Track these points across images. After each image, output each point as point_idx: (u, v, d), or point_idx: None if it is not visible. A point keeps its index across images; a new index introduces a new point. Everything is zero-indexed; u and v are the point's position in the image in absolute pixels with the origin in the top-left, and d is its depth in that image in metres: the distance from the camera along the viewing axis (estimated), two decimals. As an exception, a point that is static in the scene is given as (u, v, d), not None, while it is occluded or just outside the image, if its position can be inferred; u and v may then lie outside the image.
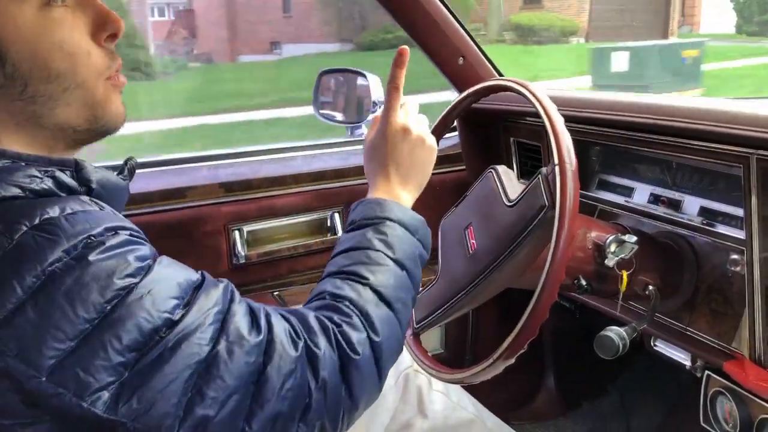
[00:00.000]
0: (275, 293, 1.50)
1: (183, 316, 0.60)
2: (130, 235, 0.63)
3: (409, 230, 0.85)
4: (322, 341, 0.69)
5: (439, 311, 1.05)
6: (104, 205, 0.66)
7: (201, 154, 1.50)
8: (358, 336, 0.72)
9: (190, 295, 0.63)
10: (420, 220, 0.88)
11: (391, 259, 0.81)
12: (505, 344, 0.84)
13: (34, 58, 0.65)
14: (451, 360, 1.73)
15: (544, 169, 0.93)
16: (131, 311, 0.58)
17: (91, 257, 0.58)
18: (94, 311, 0.56)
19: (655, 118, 1.12)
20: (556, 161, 0.86)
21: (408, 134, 0.92)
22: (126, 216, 0.69)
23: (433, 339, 1.72)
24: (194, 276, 0.66)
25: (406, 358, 1.19)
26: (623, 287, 1.04)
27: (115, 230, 0.61)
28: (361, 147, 1.65)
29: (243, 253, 1.45)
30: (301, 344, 0.67)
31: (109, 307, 0.57)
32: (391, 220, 0.85)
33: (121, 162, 0.80)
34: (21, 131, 0.67)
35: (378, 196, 0.90)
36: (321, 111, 1.72)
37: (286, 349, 0.66)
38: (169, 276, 0.63)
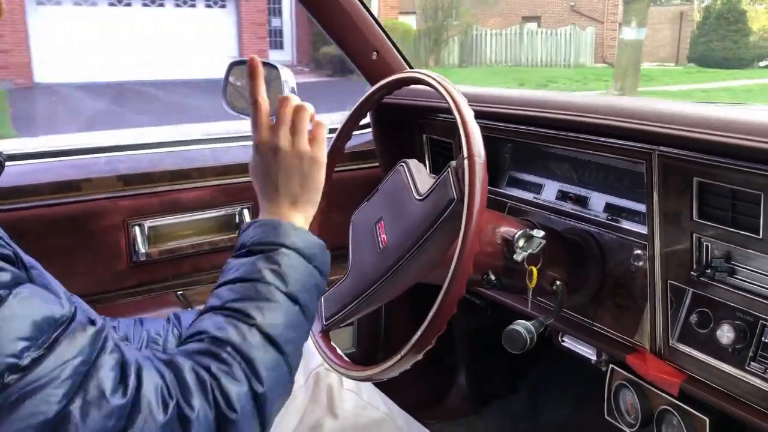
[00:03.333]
0: (179, 293, 1.43)
1: (35, 363, 0.52)
2: None
3: (306, 257, 0.78)
4: (197, 401, 0.62)
5: (348, 307, 1.02)
6: None
7: (98, 145, 1.41)
8: (237, 390, 0.66)
9: (47, 336, 0.54)
10: (318, 245, 0.81)
11: (284, 293, 0.74)
12: (414, 339, 0.82)
13: None
14: (362, 358, 1.70)
15: (453, 163, 0.92)
16: None
17: None
18: None
19: (561, 113, 1.13)
20: (465, 154, 0.85)
21: (279, 153, 0.84)
22: (11, 210, 0.62)
23: (344, 337, 1.69)
24: (59, 312, 0.57)
25: (316, 356, 1.15)
26: (533, 283, 1.04)
27: None
28: None
29: (144, 250, 1.37)
30: (171, 405, 0.60)
31: None
32: (285, 246, 0.77)
33: None
34: None
35: (271, 217, 0.82)
36: (229, 102, 1.66)
37: (153, 413, 0.58)
38: (25, 312, 0.54)
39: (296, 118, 0.86)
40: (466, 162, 0.85)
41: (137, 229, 1.37)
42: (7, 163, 0.73)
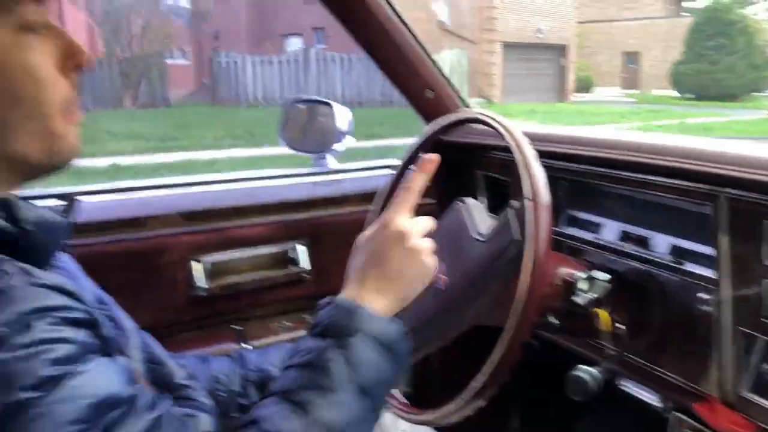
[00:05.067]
0: (237, 327, 1.45)
1: None
2: (52, 323, 0.53)
3: (383, 347, 0.72)
4: None
5: None
6: (30, 269, 0.57)
7: (162, 182, 1.45)
8: None
9: (104, 422, 0.53)
10: (396, 335, 0.74)
11: (352, 386, 0.69)
12: (477, 385, 0.81)
13: (2, 81, 0.61)
14: (417, 398, 1.68)
15: (515, 203, 0.91)
16: None
17: None
18: None
19: (622, 153, 1.12)
20: (530, 196, 0.85)
21: (404, 240, 0.79)
22: (79, 246, 0.64)
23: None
24: (123, 393, 0.56)
25: None
26: (604, 326, 1.01)
27: (28, 320, 0.51)
28: (326, 177, 1.64)
29: (203, 285, 1.39)
30: None
31: None
32: (362, 332, 0.71)
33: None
34: None
35: (350, 297, 0.76)
36: (286, 139, 1.70)
37: None
38: (84, 392, 0.52)
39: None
40: (529, 204, 0.84)
41: (198, 264, 1.39)
42: (80, 199, 0.76)
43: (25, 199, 0.68)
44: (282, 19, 23.69)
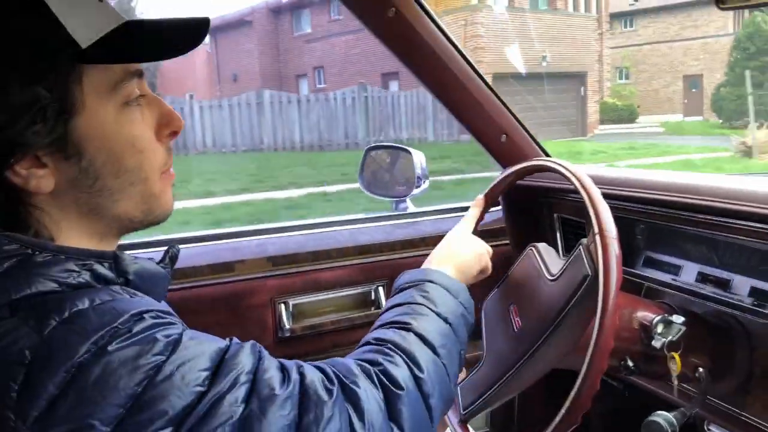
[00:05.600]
0: None
1: (212, 384, 0.61)
2: (157, 316, 0.64)
3: (451, 293, 0.90)
4: (362, 381, 0.71)
5: (485, 395, 1.03)
6: (135, 292, 0.67)
7: (248, 229, 1.54)
8: (401, 373, 0.74)
9: (218, 362, 0.64)
10: (462, 287, 0.93)
11: (434, 311, 0.85)
12: (551, 428, 0.82)
13: (109, 154, 0.68)
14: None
15: (585, 240, 0.93)
16: (162, 391, 0.59)
17: (117, 345, 0.59)
18: (125, 396, 0.57)
19: (693, 198, 1.12)
20: (596, 230, 0.86)
21: (461, 235, 1.07)
22: (176, 290, 0.72)
23: (479, 419, 1.68)
24: (222, 344, 0.66)
25: None
26: (678, 369, 1.01)
27: (141, 315, 0.62)
28: (404, 221, 1.69)
29: (288, 326, 1.46)
30: (335, 389, 0.68)
31: (139, 390, 0.58)
32: (432, 282, 0.90)
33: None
34: (82, 220, 0.70)
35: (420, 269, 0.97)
36: (367, 186, 1.77)
37: (321, 396, 0.66)
38: (198, 349, 0.63)
39: None
40: (597, 237, 0.86)
41: (282, 306, 1.46)
42: (178, 247, 0.83)
43: (131, 248, 0.76)
44: (293, 59, 24.05)
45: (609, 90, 24.49)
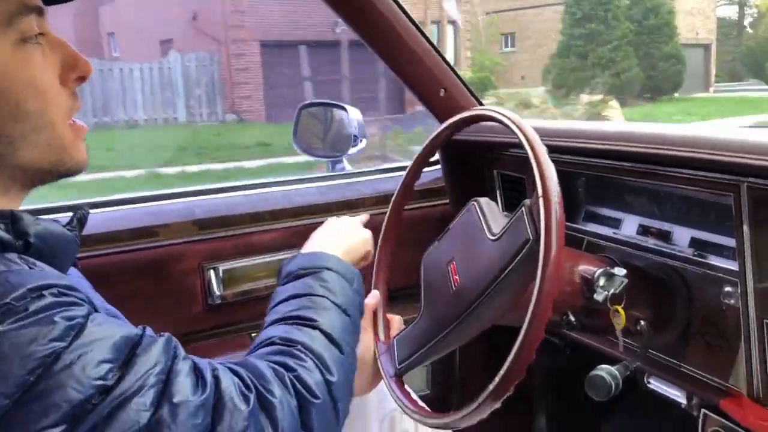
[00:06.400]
0: (252, 334, 1.44)
1: (119, 380, 0.55)
2: (59, 293, 0.57)
3: (346, 280, 0.88)
4: (277, 389, 0.66)
5: (422, 351, 1.00)
6: (35, 262, 0.60)
7: (173, 191, 1.45)
8: (314, 379, 0.71)
9: (126, 355, 0.58)
10: (356, 273, 0.92)
11: (335, 304, 0.83)
12: (491, 387, 0.79)
13: (7, 95, 0.62)
14: (437, 401, 1.67)
15: (527, 201, 0.89)
16: (59, 381, 0.52)
17: (9, 326, 0.52)
18: (13, 385, 0.51)
19: (641, 146, 1.09)
20: (540, 193, 0.82)
21: (342, 223, 1.08)
22: (93, 257, 0.65)
23: (418, 378, 1.66)
24: (132, 332, 0.60)
25: (390, 400, 1.14)
26: (622, 324, 0.99)
27: (40, 291, 0.56)
28: (340, 181, 1.63)
29: (219, 293, 1.39)
30: (252, 397, 0.63)
31: (31, 379, 0.51)
32: (328, 269, 0.88)
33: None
34: None
35: (310, 250, 0.95)
36: (301, 144, 1.69)
37: (236, 404, 0.61)
38: (103, 335, 0.57)
39: None
40: (541, 201, 0.82)
41: (212, 272, 1.39)
42: (88, 211, 0.76)
43: (35, 212, 0.69)
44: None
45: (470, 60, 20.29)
